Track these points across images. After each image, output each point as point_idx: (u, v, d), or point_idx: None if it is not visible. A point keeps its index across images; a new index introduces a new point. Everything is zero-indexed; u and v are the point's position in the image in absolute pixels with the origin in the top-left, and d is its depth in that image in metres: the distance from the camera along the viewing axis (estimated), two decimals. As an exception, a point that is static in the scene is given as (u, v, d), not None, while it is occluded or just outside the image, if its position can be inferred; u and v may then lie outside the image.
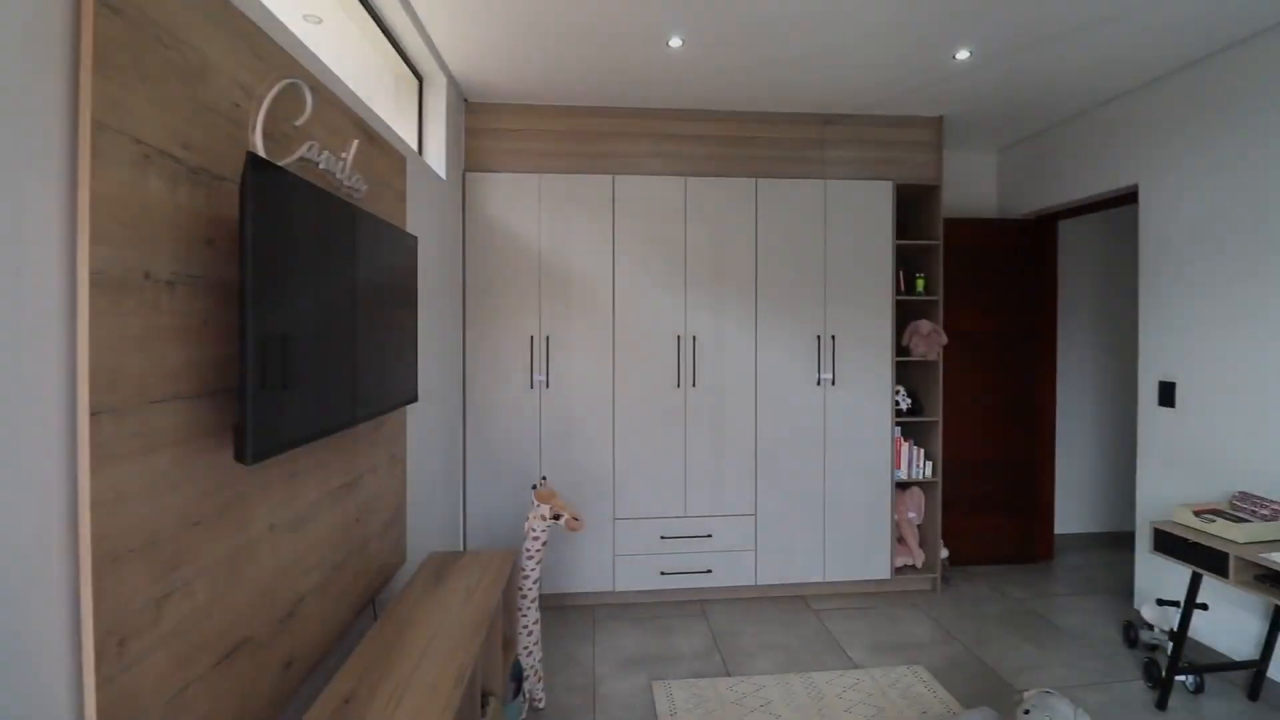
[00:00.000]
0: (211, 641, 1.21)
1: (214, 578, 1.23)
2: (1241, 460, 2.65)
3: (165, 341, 1.11)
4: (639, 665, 2.79)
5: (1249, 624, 2.63)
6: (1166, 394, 3.00)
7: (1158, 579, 3.04)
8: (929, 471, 3.64)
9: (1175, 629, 2.53)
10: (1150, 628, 2.90)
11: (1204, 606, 2.71)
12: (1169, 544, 2.47)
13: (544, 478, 2.55)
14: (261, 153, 1.38)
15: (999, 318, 4.00)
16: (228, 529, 1.27)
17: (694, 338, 3.41)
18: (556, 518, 2.32)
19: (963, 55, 2.83)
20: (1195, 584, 2.45)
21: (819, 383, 3.51)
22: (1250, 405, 2.62)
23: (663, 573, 3.40)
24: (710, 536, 3.44)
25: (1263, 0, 2.34)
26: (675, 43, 2.70)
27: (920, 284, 3.65)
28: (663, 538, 3.41)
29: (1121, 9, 2.41)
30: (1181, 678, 2.60)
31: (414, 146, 2.90)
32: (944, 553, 3.73)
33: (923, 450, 3.65)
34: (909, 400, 3.67)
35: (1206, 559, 2.31)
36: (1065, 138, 3.71)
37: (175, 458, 1.13)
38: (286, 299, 1.28)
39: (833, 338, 3.51)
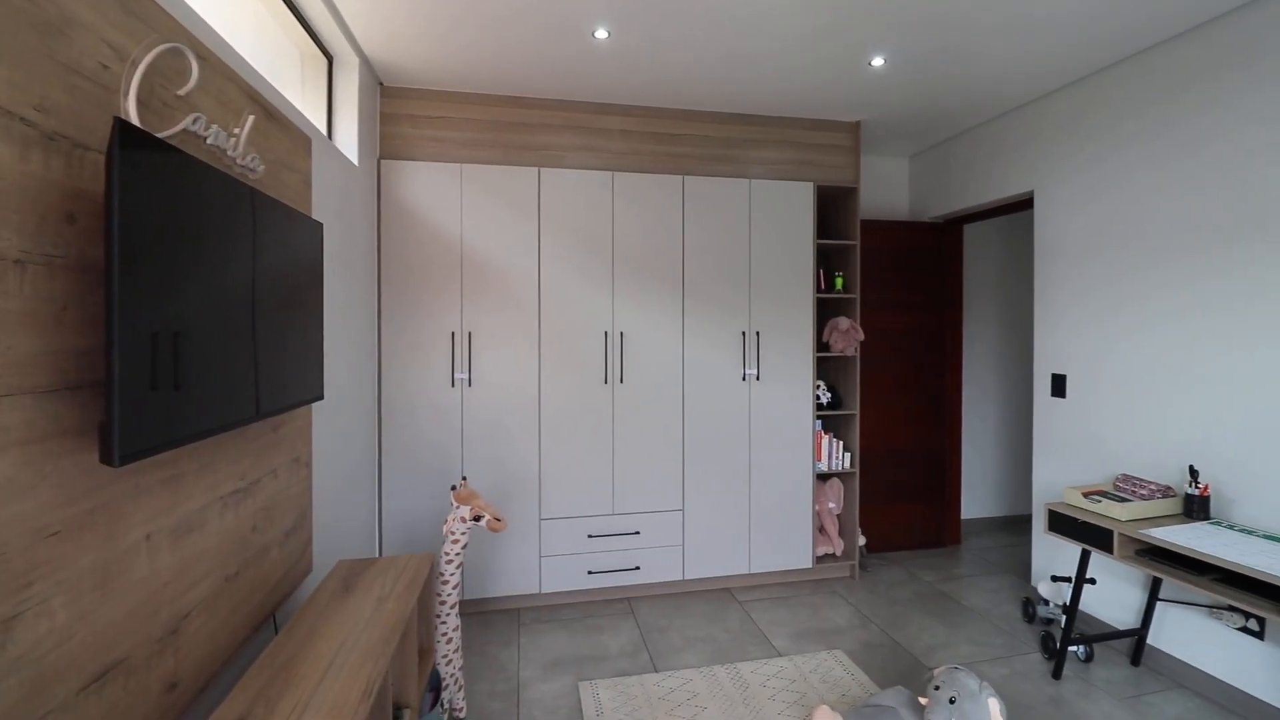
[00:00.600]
0: (76, 665, 1.08)
1: (78, 594, 1.09)
2: (1123, 445, 2.88)
3: (14, 328, 0.97)
4: (565, 667, 2.74)
5: (1131, 596, 2.87)
6: (1058, 386, 3.23)
7: (1052, 557, 3.27)
8: (848, 463, 3.77)
9: (1068, 603, 2.72)
10: (1046, 603, 3.11)
11: (1092, 581, 2.94)
12: (1061, 524, 2.65)
13: (464, 478, 2.46)
14: (135, 121, 1.25)
15: (911, 315, 4.20)
16: (94, 539, 1.13)
17: (621, 334, 3.39)
18: (477, 519, 2.23)
19: (878, 62, 2.94)
20: (1084, 560, 2.65)
21: (744, 378, 3.56)
22: (1130, 396, 2.85)
23: (590, 572, 3.36)
24: (638, 534, 3.43)
25: (1139, 24, 2.55)
26: (601, 34, 2.67)
27: (839, 282, 3.77)
28: (590, 536, 3.36)
29: (1018, 28, 2.57)
30: (1074, 648, 2.81)
31: (323, 130, 2.73)
32: (862, 540, 3.87)
33: (842, 442, 3.78)
34: (829, 394, 3.79)
35: (1094, 537, 2.50)
36: (970, 146, 3.93)
37: (26, 459, 0.99)
38: (162, 282, 1.16)
39: (757, 334, 3.57)
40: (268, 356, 1.59)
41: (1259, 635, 2.34)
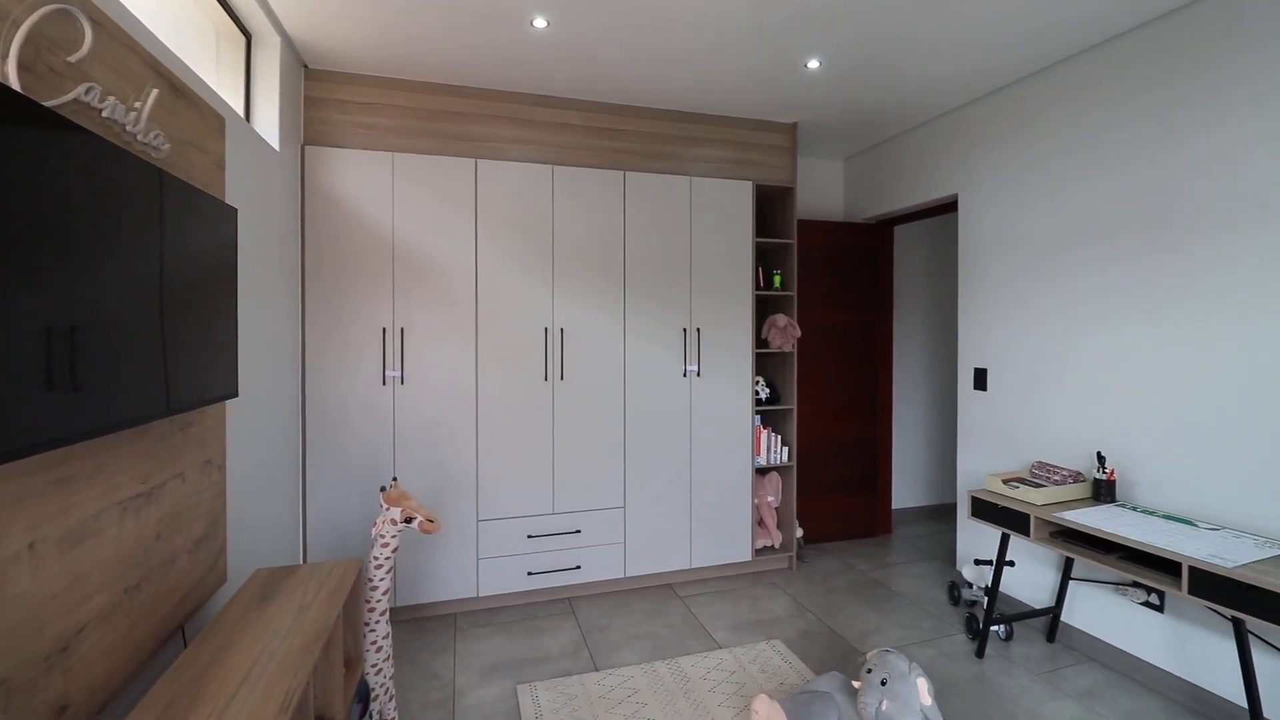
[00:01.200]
0: (-63, 693, 0.96)
1: (-59, 612, 0.98)
2: (1038, 434, 3.05)
3: None
4: (504, 671, 2.67)
5: (1046, 576, 3.04)
6: (980, 379, 3.39)
7: (976, 542, 3.43)
8: (786, 457, 3.84)
9: (990, 585, 2.86)
10: (970, 586, 3.26)
11: (1011, 563, 3.10)
12: (983, 510, 2.78)
13: (395, 479, 2.35)
14: (16, 86, 1.13)
15: (845, 313, 4.33)
16: (-38, 550, 1.02)
17: (562, 330, 3.34)
18: (409, 521, 2.14)
19: (813, 64, 3.01)
20: (1004, 543, 2.78)
21: (685, 374, 3.58)
22: (1042, 385, 3.02)
23: (530, 573, 3.30)
24: (579, 532, 3.39)
25: (1049, 44, 2.71)
26: (540, 23, 2.61)
27: (777, 280, 3.84)
28: (530, 537, 3.30)
29: (939, 46, 2.68)
30: (995, 628, 2.95)
31: (240, 112, 2.57)
32: (799, 532, 3.96)
33: (780, 437, 3.85)
34: (767, 390, 3.85)
35: (1012, 521, 2.63)
36: (899, 150, 4.08)
37: (-127, 461, 0.87)
38: (46, 262, 1.05)
39: (698, 330, 3.59)
40: (171, 347, 1.47)
41: (1159, 609, 2.52)
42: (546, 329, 3.32)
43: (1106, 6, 2.47)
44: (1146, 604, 2.56)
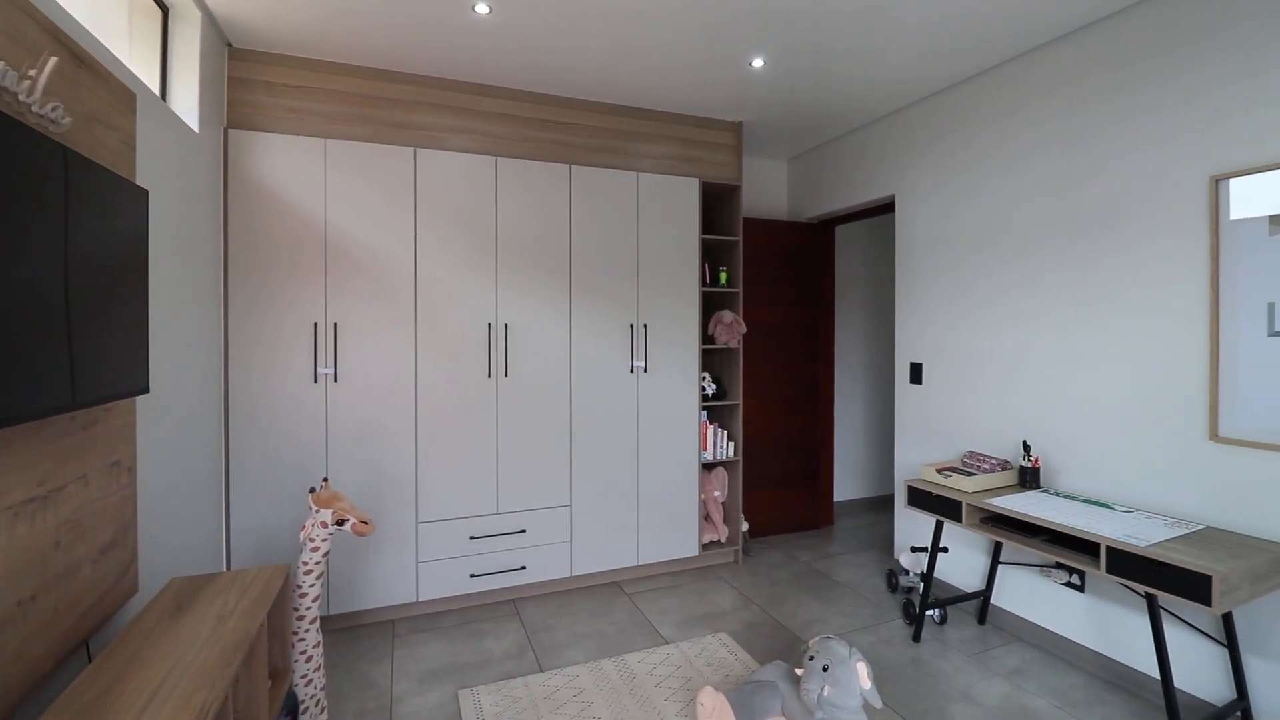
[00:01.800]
0: None
1: None
2: (969, 425, 3.17)
3: None
4: (445, 676, 2.59)
5: (977, 561, 3.17)
6: (916, 373, 3.51)
7: (912, 531, 3.55)
8: (731, 452, 3.88)
9: (925, 571, 2.95)
10: (907, 573, 3.36)
11: (945, 549, 3.22)
12: (918, 498, 2.87)
13: (325, 479, 2.24)
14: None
15: (788, 310, 4.40)
16: None
17: (506, 326, 3.27)
18: (340, 523, 2.04)
19: (758, 63, 3.04)
20: (938, 530, 2.88)
21: (632, 370, 3.56)
22: (973, 379, 3.15)
23: (473, 575, 3.21)
24: (524, 532, 3.32)
25: (974, 57, 2.82)
26: (482, 9, 2.54)
27: (723, 277, 3.87)
28: (472, 538, 3.21)
29: (877, 47, 2.76)
30: (930, 612, 3.06)
31: (155, 89, 2.40)
32: (744, 526, 4.01)
33: (726, 432, 3.89)
34: (714, 386, 3.88)
35: (946, 508, 2.73)
36: (840, 151, 4.19)
37: None
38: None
39: (645, 326, 3.58)
40: (78, 337, 1.35)
41: (1080, 589, 2.66)
42: (490, 324, 3.24)
43: (1029, 25, 2.59)
44: (1069, 584, 2.70)
